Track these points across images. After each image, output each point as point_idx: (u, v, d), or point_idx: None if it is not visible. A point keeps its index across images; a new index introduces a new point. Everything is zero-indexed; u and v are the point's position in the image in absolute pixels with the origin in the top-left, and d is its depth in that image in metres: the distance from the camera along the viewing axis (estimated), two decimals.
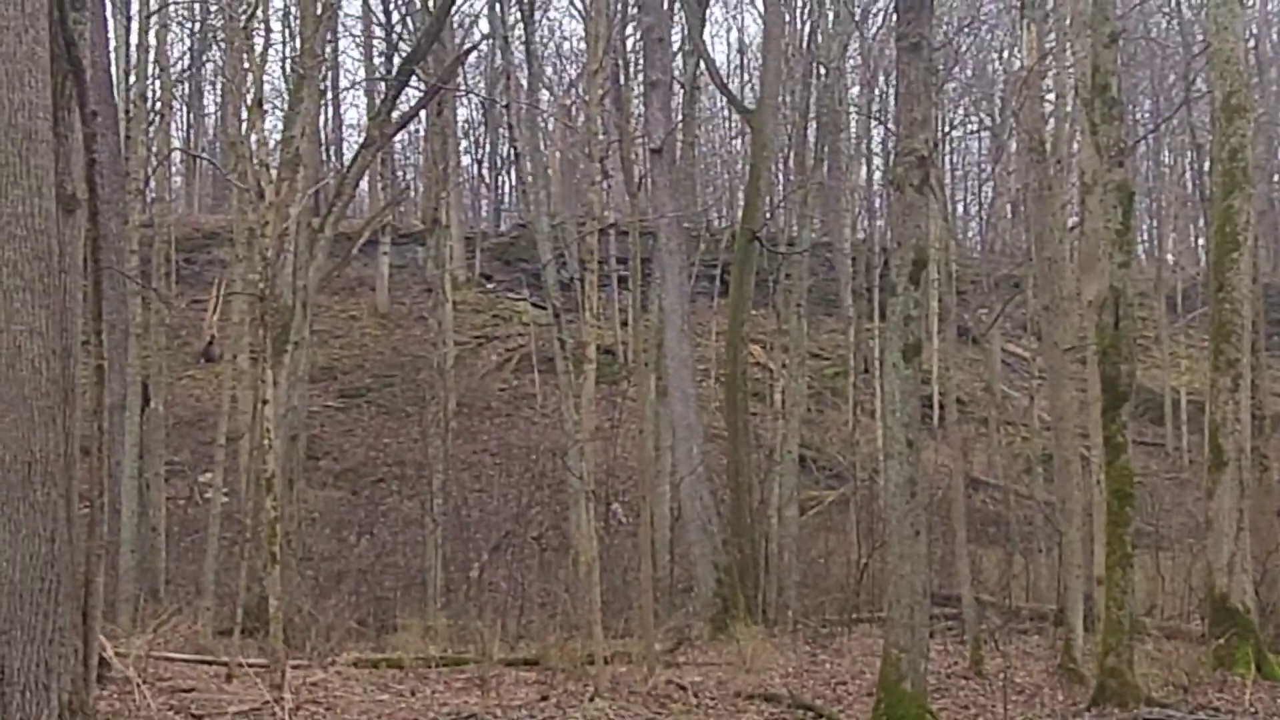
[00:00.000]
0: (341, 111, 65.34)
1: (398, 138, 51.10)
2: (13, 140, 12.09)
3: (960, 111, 57.95)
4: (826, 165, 40.78)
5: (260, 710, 16.48)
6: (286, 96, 32.80)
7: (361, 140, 31.50)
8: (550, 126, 52.68)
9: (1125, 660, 17.73)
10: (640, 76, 32.82)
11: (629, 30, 34.24)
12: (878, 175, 55.07)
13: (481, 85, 53.92)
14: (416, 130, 53.64)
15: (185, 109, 61.62)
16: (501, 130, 56.06)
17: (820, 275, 47.55)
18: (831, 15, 34.20)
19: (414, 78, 30.67)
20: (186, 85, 59.31)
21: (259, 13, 30.91)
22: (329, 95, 54.57)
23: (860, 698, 18.42)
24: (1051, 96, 29.67)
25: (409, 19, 37.96)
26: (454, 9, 34.39)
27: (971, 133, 61.63)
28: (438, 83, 30.81)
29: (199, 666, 19.87)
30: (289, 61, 44.18)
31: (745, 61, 63.93)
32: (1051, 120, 27.62)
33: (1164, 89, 51.04)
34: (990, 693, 18.86)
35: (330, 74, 54.75)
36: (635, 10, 32.51)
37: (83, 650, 12.92)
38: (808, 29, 36.37)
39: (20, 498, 11.94)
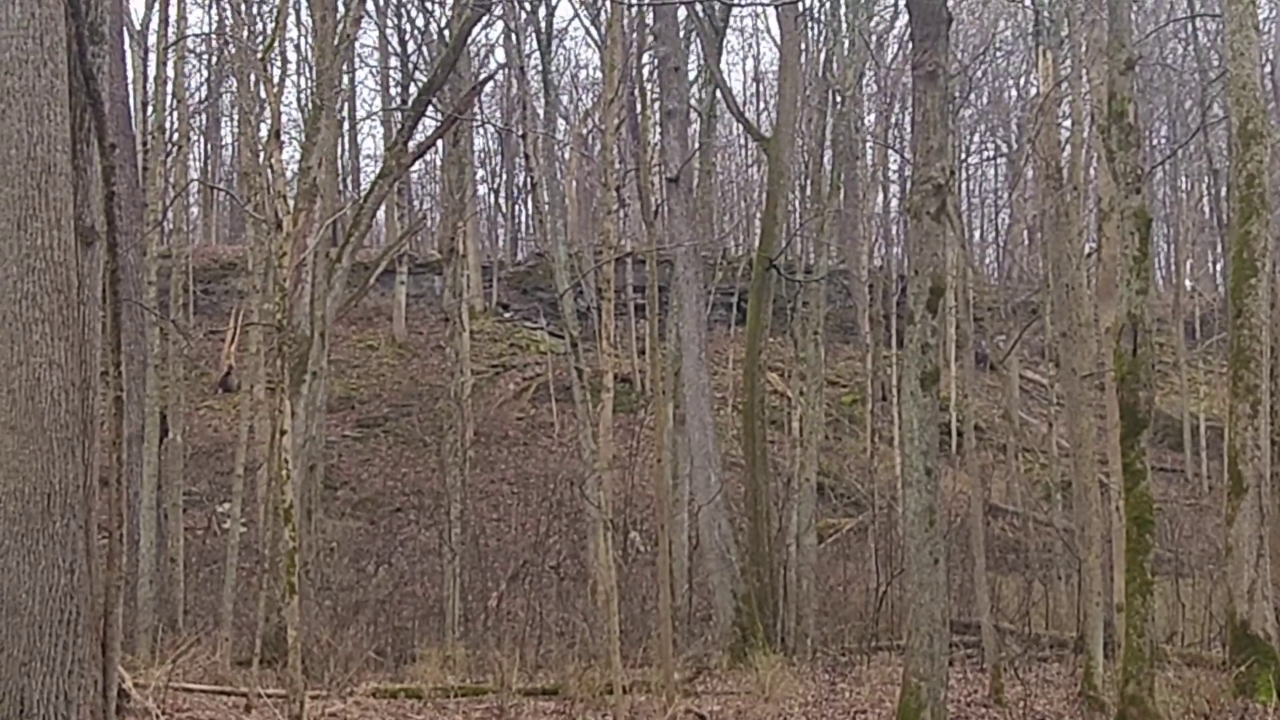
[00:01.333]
0: (359, 142, 65.44)
1: (415, 167, 51.20)
2: (32, 173, 12.15)
3: (976, 139, 58.15)
4: (843, 193, 40.82)
5: None
6: (303, 127, 32.89)
7: (378, 170, 31.55)
8: (567, 155, 52.77)
9: (1146, 688, 17.67)
10: (657, 105, 32.84)
11: (645, 59, 34.25)
12: (894, 203, 55.16)
13: (498, 115, 54.08)
14: (433, 160, 53.81)
15: (202, 140, 61.82)
16: (518, 159, 56.20)
17: (837, 303, 47.61)
18: (847, 43, 34.21)
19: (431, 108, 30.76)
20: (203, 117, 59.55)
21: (275, 44, 31.06)
22: (346, 126, 54.79)
23: None
24: (1068, 123, 29.66)
25: (425, 49, 38.10)
26: (470, 39, 34.51)
27: (988, 160, 61.77)
28: (454, 113, 30.90)
29: (218, 697, 19.88)
30: (306, 93, 44.37)
31: (761, 90, 64.10)
32: (1068, 147, 27.60)
33: (1180, 115, 51.05)
34: None
35: (347, 105, 54.97)
36: (651, 39, 32.51)
37: (102, 682, 12.94)
38: (823, 57, 36.38)
39: (40, 529, 11.98)
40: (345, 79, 46.43)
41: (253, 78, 36.11)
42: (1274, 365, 23.89)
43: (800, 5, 33.16)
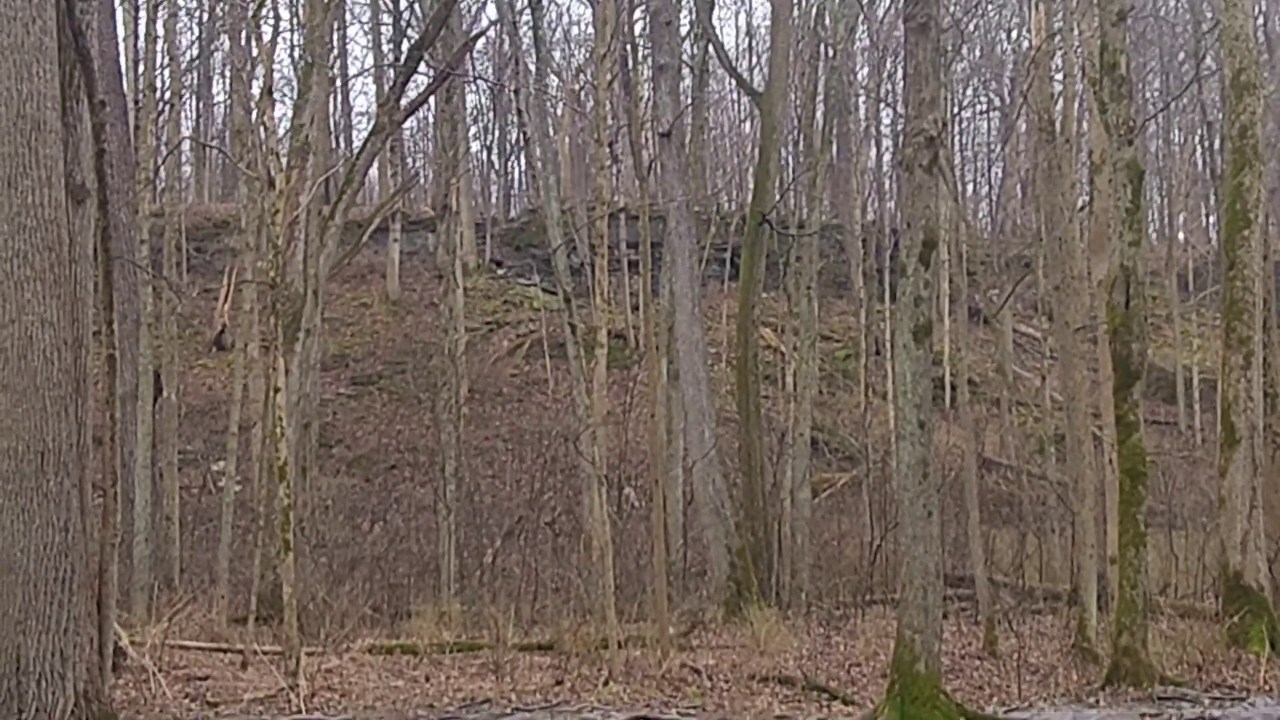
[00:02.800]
0: (350, 99, 65.35)
1: (407, 124, 51.10)
2: (21, 131, 12.11)
3: (969, 92, 57.93)
4: (836, 147, 40.75)
5: (275, 697, 16.52)
6: (295, 85, 32.81)
7: (371, 127, 31.48)
8: (559, 112, 52.71)
9: (1139, 639, 17.73)
10: (649, 60, 32.78)
11: (637, 14, 34.11)
12: (887, 157, 55.06)
13: (490, 71, 53.84)
14: (426, 117, 53.75)
15: (194, 98, 61.59)
16: (510, 116, 55.92)
17: (830, 258, 47.50)
18: None
19: (423, 64, 30.65)
20: (195, 74, 59.27)
21: (267, 1, 30.95)
22: (338, 83, 54.56)
23: (874, 679, 18.43)
24: (1060, 76, 29.62)
25: (417, 5, 37.92)
26: None
27: (980, 113, 61.60)
28: (446, 69, 30.80)
29: (214, 654, 19.94)
30: (297, 50, 44.18)
31: (754, 44, 63.96)
32: (1060, 100, 27.57)
33: (1173, 67, 50.95)
34: (1004, 673, 18.88)
35: (339, 62, 54.80)
36: None
37: (98, 639, 12.97)
38: (815, 11, 36.24)
39: (34, 488, 11.99)
40: (336, 36, 46.22)
41: (244, 35, 36.02)
42: (1267, 317, 23.93)
43: None
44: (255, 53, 30.88)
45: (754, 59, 61.76)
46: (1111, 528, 19.93)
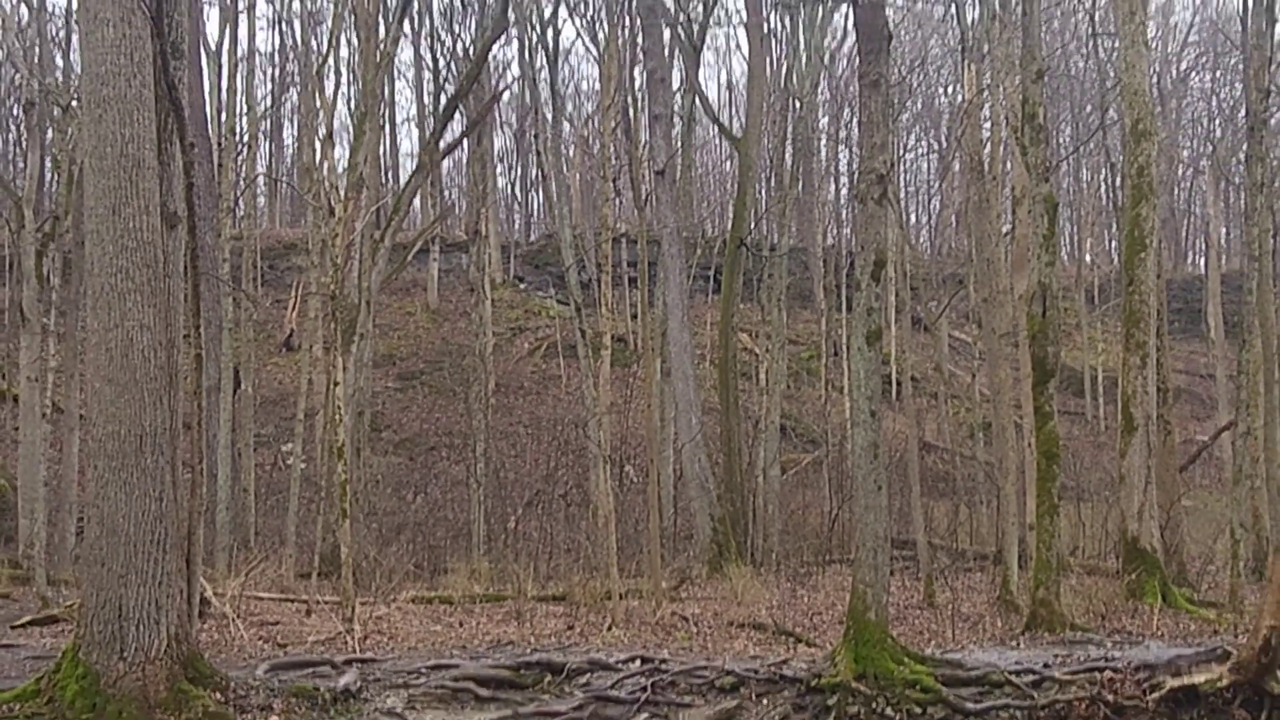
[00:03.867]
0: (398, 142, 65.35)
1: (444, 163, 51.03)
2: (124, 168, 12.12)
3: (912, 138, 57.87)
4: (801, 183, 40.71)
5: (334, 639, 16.50)
6: (352, 130, 32.78)
7: (414, 166, 31.44)
8: (571, 153, 52.66)
9: (1053, 593, 17.74)
10: (646, 110, 32.73)
11: (636, 72, 34.09)
12: (844, 191, 54.94)
13: (514, 118, 53.83)
14: (460, 156, 53.56)
15: (268, 141, 61.54)
16: (531, 156, 55.91)
17: (797, 275, 47.45)
18: (805, 58, 34.12)
19: (457, 113, 30.64)
20: (269, 121, 59.24)
21: (329, 60, 30.93)
22: (386, 129, 54.52)
23: (833, 625, 18.42)
24: (988, 124, 29.58)
25: (453, 64, 37.93)
26: (490, 56, 34.38)
27: (922, 155, 61.56)
28: (477, 117, 30.84)
29: (283, 604, 19.91)
30: (353, 101, 44.15)
31: (733, 97, 63.87)
32: (988, 144, 27.53)
33: (1082, 117, 50.95)
34: (941, 621, 18.86)
35: (387, 111, 54.74)
36: (641, 56, 32.38)
37: (186, 591, 12.96)
38: (785, 69, 36.28)
39: (134, 465, 11.98)
40: (386, 89, 46.19)
41: (310, 88, 35.99)
42: (1159, 325, 23.93)
43: (765, 26, 33.06)
44: (318, 103, 30.81)
45: (734, 109, 61.73)
46: (1030, 500, 19.93)
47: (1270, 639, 12.92)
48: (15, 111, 44.49)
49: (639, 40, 31.31)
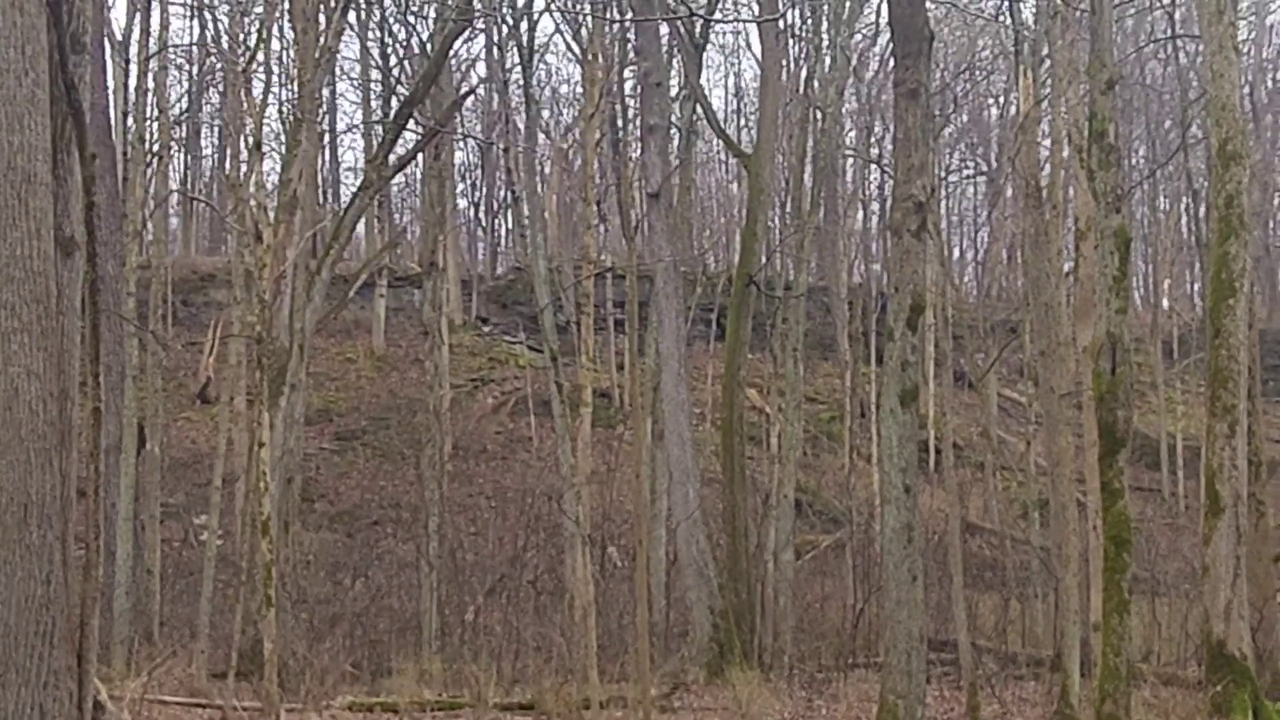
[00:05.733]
0: (339, 154, 65.54)
1: (395, 181, 51.11)
2: (11, 183, 12.12)
3: (956, 157, 58.18)
4: (823, 210, 40.87)
5: None
6: (284, 139, 32.85)
7: (359, 183, 31.55)
8: (547, 170, 52.89)
9: (1122, 706, 17.69)
10: (638, 121, 32.88)
11: (627, 75, 34.32)
12: (874, 220, 55.19)
13: (479, 129, 54.00)
14: (414, 173, 53.78)
15: (183, 151, 61.70)
16: (499, 173, 56.17)
17: (816, 320, 47.62)
18: (828, 60, 34.24)
19: (412, 121, 30.73)
20: (184, 128, 59.41)
21: (258, 56, 31.03)
22: (327, 138, 54.65)
23: None
24: (1047, 142, 29.74)
25: (407, 63, 38.04)
26: (452, 53, 34.51)
27: (968, 178, 61.83)
28: (435, 126, 30.89)
29: (193, 710, 19.86)
30: (287, 105, 44.30)
31: (742, 106, 64.12)
32: (1047, 166, 27.68)
33: (1160, 135, 51.20)
34: None
35: (328, 117, 54.87)
36: (633, 55, 32.58)
37: (77, 693, 12.89)
38: (804, 74, 36.42)
39: (16, 540, 11.93)
40: (326, 91, 46.43)
41: (235, 89, 36.09)
42: (1251, 385, 23.96)
43: (781, 22, 33.24)
44: (245, 107, 30.90)
45: (743, 120, 61.97)
46: (1095, 594, 19.93)
47: None
48: None
49: (630, 36, 31.51)
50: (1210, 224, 24.49)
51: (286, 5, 29.90)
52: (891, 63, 16.74)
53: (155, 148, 37.18)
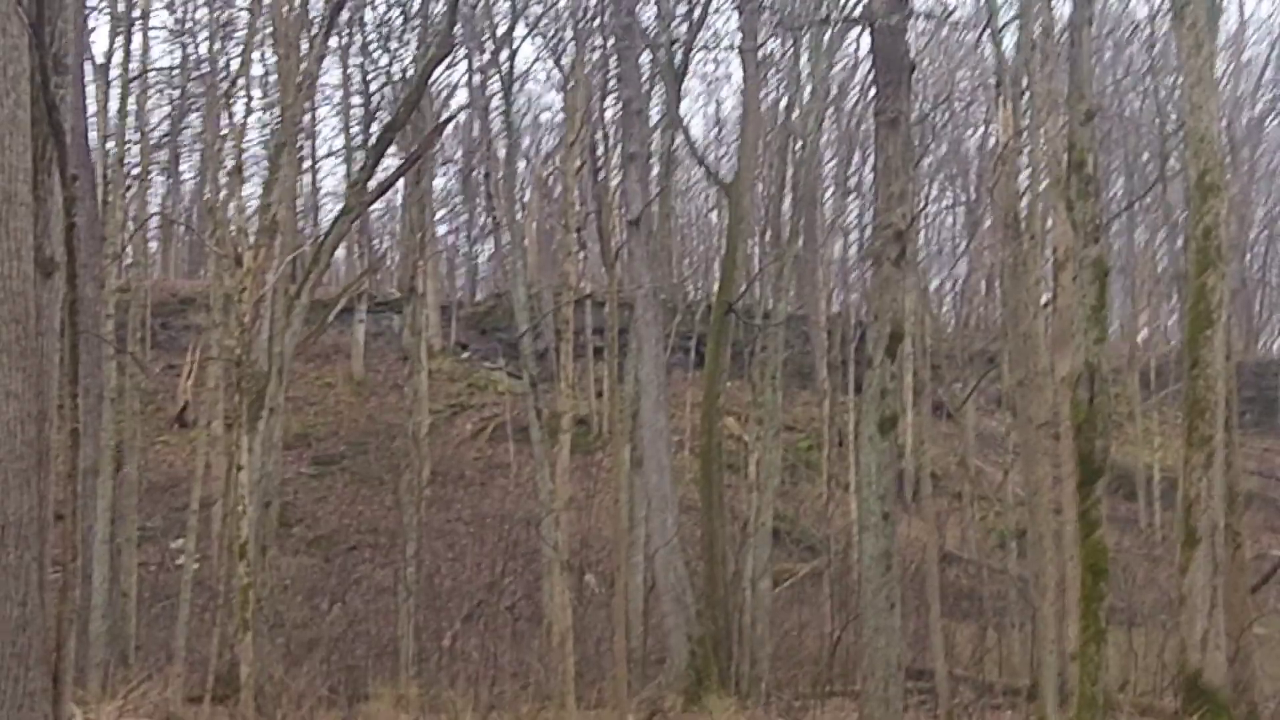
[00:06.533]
0: (319, 179, 65.28)
1: (375, 206, 51.08)
2: None
3: (935, 187, 58.27)
4: (802, 238, 40.92)
5: None
6: (265, 163, 32.87)
7: (339, 208, 31.54)
8: (528, 197, 52.91)
9: None
10: (618, 148, 32.92)
11: (607, 102, 34.33)
12: (853, 249, 55.26)
13: (460, 155, 54.04)
14: (394, 199, 53.76)
15: (164, 174, 61.59)
16: (479, 200, 56.13)
17: (795, 348, 47.55)
18: (808, 90, 34.31)
19: (392, 146, 30.74)
20: (165, 150, 59.28)
21: (240, 80, 31.05)
22: (307, 163, 54.60)
23: None
24: (1027, 173, 29.81)
25: (388, 89, 38.09)
26: (433, 79, 34.53)
27: (946, 208, 61.91)
28: (416, 152, 30.92)
29: None
30: (268, 129, 44.31)
31: (722, 135, 64.10)
32: (1026, 197, 27.73)
33: (1138, 167, 51.31)
34: None
35: (309, 142, 54.84)
36: (614, 83, 32.63)
37: (53, 716, 12.83)
38: (784, 103, 36.50)
39: None
40: (307, 116, 46.36)
41: (215, 112, 36.08)
42: (1228, 417, 24.00)
43: (762, 51, 33.31)
44: (226, 131, 30.92)
45: (723, 149, 61.98)
46: (1072, 623, 19.92)
47: None
48: None
49: (611, 64, 31.54)
50: (1188, 256, 24.55)
51: (268, 30, 29.95)
52: (871, 92, 16.80)
53: (135, 170, 37.14)
